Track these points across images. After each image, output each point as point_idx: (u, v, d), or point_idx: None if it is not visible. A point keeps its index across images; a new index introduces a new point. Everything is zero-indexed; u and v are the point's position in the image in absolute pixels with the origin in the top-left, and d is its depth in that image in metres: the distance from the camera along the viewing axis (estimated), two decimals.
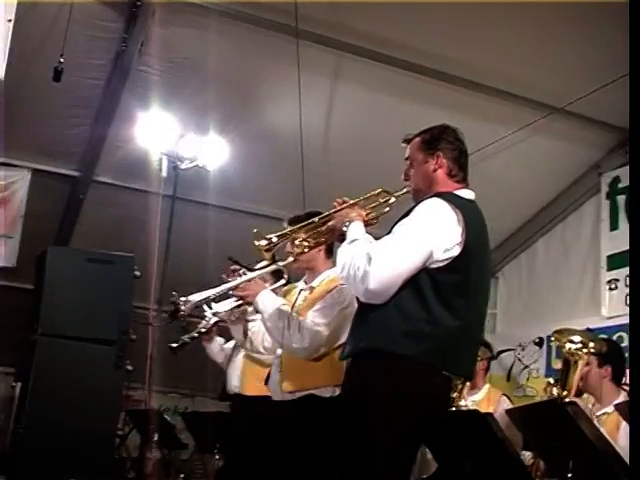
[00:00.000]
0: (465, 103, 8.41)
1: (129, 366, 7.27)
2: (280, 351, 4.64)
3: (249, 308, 4.78)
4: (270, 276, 5.09)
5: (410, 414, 3.47)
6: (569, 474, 4.06)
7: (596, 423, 4.42)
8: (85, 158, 9.24)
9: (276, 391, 4.61)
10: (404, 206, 3.88)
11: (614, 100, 7.38)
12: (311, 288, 4.70)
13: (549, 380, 4.91)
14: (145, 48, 7.90)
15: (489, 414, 4.72)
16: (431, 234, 3.50)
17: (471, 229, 3.58)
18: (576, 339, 4.84)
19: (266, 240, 4.15)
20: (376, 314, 3.52)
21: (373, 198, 4.07)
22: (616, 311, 8.24)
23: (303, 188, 8.42)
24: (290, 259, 4.62)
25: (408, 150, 3.94)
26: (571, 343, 4.84)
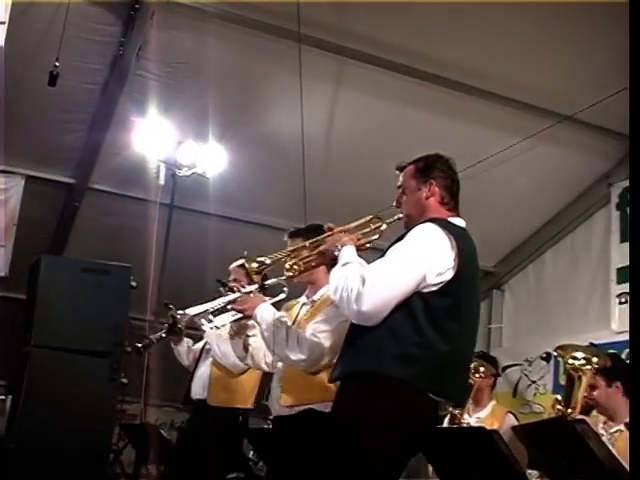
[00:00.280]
0: (470, 110, 8.42)
1: (124, 379, 7.23)
2: (281, 365, 4.67)
3: (249, 322, 4.78)
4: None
5: (398, 437, 3.53)
6: None
7: (606, 441, 4.39)
8: (81, 165, 9.24)
9: (275, 406, 4.64)
10: (400, 229, 3.96)
11: (625, 108, 7.37)
12: (313, 302, 4.73)
13: (556, 397, 4.87)
14: (143, 52, 7.91)
15: (494, 431, 4.69)
16: (424, 258, 3.59)
17: (463, 255, 3.66)
18: (579, 355, 4.82)
19: (257, 263, 4.25)
20: (367, 336, 3.59)
21: (364, 224, 4.20)
22: (626, 326, 8.21)
23: (304, 196, 8.40)
24: (278, 279, 4.68)
25: (401, 178, 4.05)
26: (574, 359, 4.82)
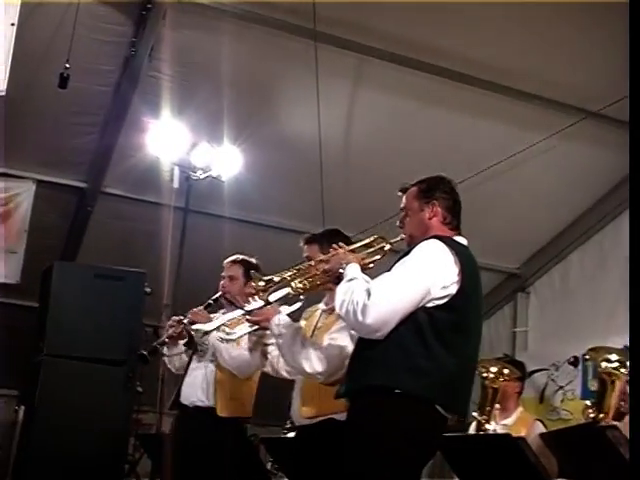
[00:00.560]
0: (494, 107, 8.39)
1: (139, 388, 7.26)
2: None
3: (267, 332, 4.82)
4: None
5: (412, 449, 3.62)
6: None
7: None
8: (93, 168, 9.26)
9: (296, 416, 4.74)
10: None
11: None
12: (331, 310, 4.75)
13: (586, 403, 4.84)
14: (155, 52, 7.92)
15: (521, 438, 4.68)
16: (429, 271, 3.71)
17: (467, 271, 3.79)
18: (613, 357, 4.79)
19: (264, 282, 4.34)
20: (376, 351, 3.70)
21: (369, 244, 4.33)
22: None
23: (322, 198, 8.39)
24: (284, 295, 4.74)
25: (404, 199, 4.17)
26: (607, 362, 4.79)
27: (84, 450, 6.90)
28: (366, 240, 4.34)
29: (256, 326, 4.77)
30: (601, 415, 4.73)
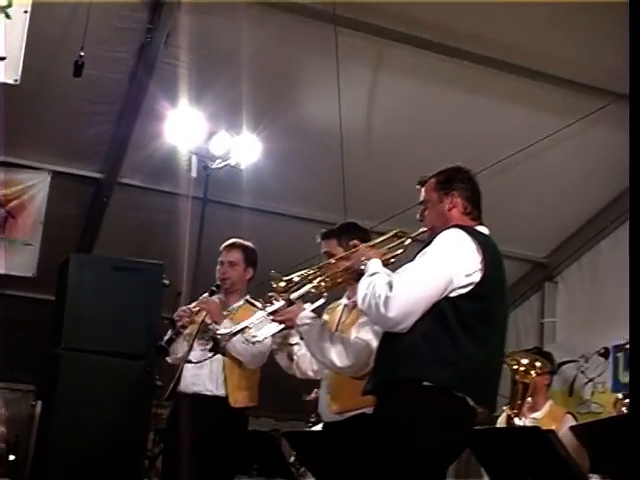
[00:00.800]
0: (520, 91, 8.35)
1: (158, 382, 7.26)
2: (328, 372, 4.77)
3: (292, 331, 4.84)
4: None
5: (439, 442, 3.64)
6: None
7: None
8: (109, 159, 9.28)
9: (326, 413, 4.78)
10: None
11: None
12: (354, 303, 4.77)
13: (618, 396, 4.82)
14: (172, 39, 7.92)
15: (551, 431, 4.66)
16: (450, 260, 3.74)
17: (490, 259, 3.81)
18: None
19: (284, 282, 4.43)
20: (401, 344, 3.72)
21: (389, 239, 4.37)
22: None
23: (343, 187, 8.38)
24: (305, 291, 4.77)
25: (423, 192, 4.20)
26: None
27: (102, 445, 6.90)
28: (386, 235, 4.38)
29: (281, 326, 4.79)
30: None
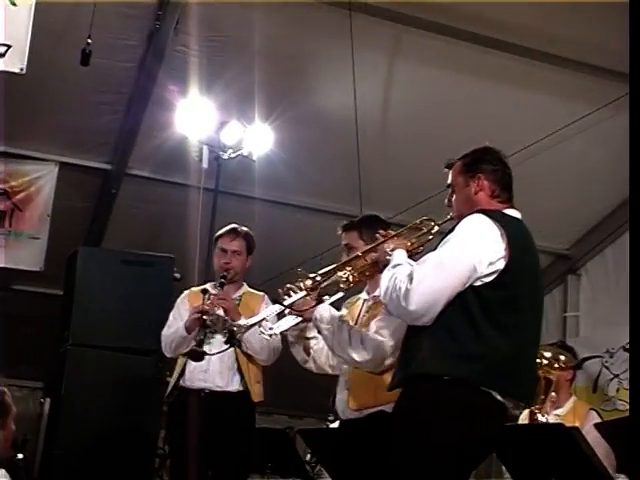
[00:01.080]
0: (540, 78, 8.32)
1: (169, 378, 7.27)
2: (346, 367, 4.78)
3: (309, 325, 4.85)
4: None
5: (466, 439, 3.59)
6: None
7: None
8: (117, 149, 9.29)
9: (344, 410, 4.76)
10: None
11: None
12: (374, 298, 4.79)
13: None
14: (181, 26, 7.92)
15: (575, 428, 4.65)
16: (472, 248, 3.68)
17: (516, 244, 3.74)
18: None
19: (310, 280, 4.42)
20: (424, 337, 3.68)
21: (416, 227, 4.36)
22: None
23: (359, 177, 8.38)
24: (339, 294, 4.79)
25: (450, 176, 4.15)
26: None
27: (112, 443, 6.94)
28: (413, 223, 4.36)
29: (299, 319, 4.79)
30: None
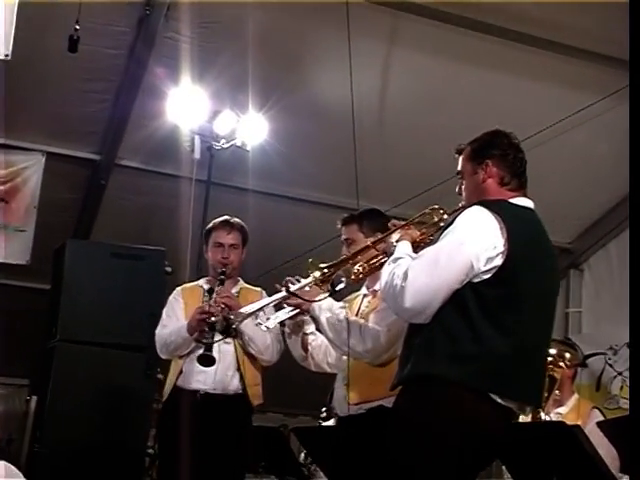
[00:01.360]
0: (542, 66, 8.32)
1: (160, 375, 7.28)
2: (343, 362, 4.78)
3: (305, 317, 4.86)
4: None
5: (460, 444, 3.55)
6: None
7: None
8: (106, 139, 9.27)
9: (342, 406, 4.76)
10: None
11: None
12: (374, 292, 4.82)
13: None
14: (172, 12, 7.90)
15: (577, 426, 4.65)
16: (468, 244, 3.62)
17: (517, 237, 3.66)
18: None
19: (319, 271, 4.43)
20: (421, 336, 3.66)
21: (427, 216, 4.31)
22: None
23: (356, 169, 8.38)
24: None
25: (460, 162, 4.07)
26: None
27: (101, 443, 6.95)
28: (422, 212, 4.32)
29: (296, 311, 4.80)
30: None
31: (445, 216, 4.22)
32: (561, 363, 5.91)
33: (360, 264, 4.43)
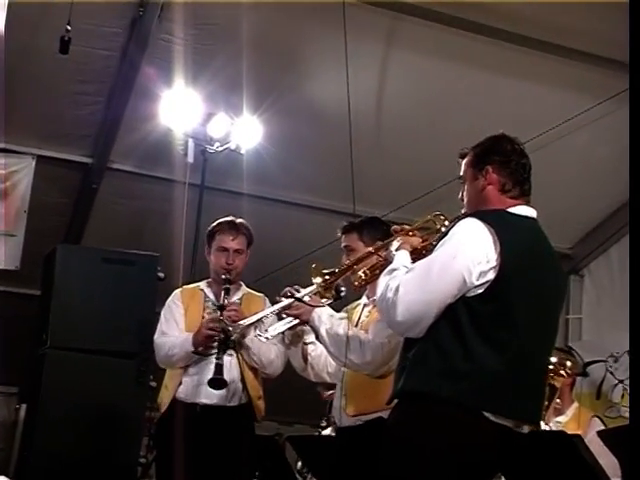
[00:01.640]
0: (543, 69, 8.33)
1: (152, 382, 7.27)
2: (343, 372, 4.82)
3: (305, 327, 4.87)
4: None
5: (451, 464, 3.52)
6: None
7: None
8: (98, 142, 9.26)
9: (341, 417, 4.80)
10: None
11: None
12: (374, 301, 4.82)
13: None
14: (166, 12, 7.89)
15: (577, 436, 4.64)
16: (460, 258, 3.59)
17: (511, 250, 3.61)
18: None
19: (321, 278, 4.51)
20: (414, 351, 3.65)
21: (430, 223, 4.32)
22: None
23: (352, 173, 8.34)
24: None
25: (462, 167, 4.04)
26: None
27: (92, 452, 6.93)
28: (425, 218, 4.34)
29: (295, 321, 4.81)
30: None
31: (446, 223, 4.21)
32: (562, 371, 5.90)
33: (362, 271, 4.46)
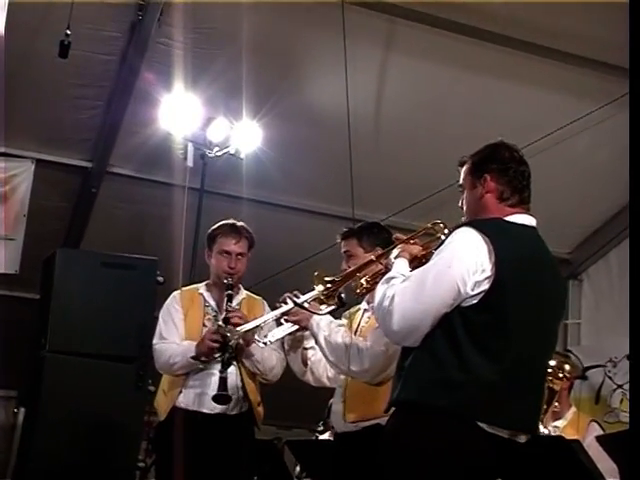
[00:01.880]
0: (543, 73, 8.34)
1: (151, 387, 7.27)
2: (342, 379, 4.85)
3: (305, 333, 4.88)
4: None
5: (446, 474, 3.51)
6: None
7: None
8: (98, 146, 9.27)
9: (339, 422, 4.82)
10: None
11: None
12: (373, 308, 4.82)
13: None
14: (165, 16, 7.90)
15: (575, 441, 4.66)
16: (455, 268, 3.58)
17: (507, 260, 3.60)
18: None
19: (322, 286, 4.48)
20: (410, 360, 3.65)
21: (430, 230, 4.33)
22: None
23: (351, 177, 8.34)
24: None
25: (462, 174, 4.03)
26: None
27: (91, 455, 6.92)
28: (426, 226, 4.34)
29: (294, 327, 4.82)
30: None
31: (446, 230, 4.19)
32: (560, 375, 5.89)
33: (364, 279, 4.46)
